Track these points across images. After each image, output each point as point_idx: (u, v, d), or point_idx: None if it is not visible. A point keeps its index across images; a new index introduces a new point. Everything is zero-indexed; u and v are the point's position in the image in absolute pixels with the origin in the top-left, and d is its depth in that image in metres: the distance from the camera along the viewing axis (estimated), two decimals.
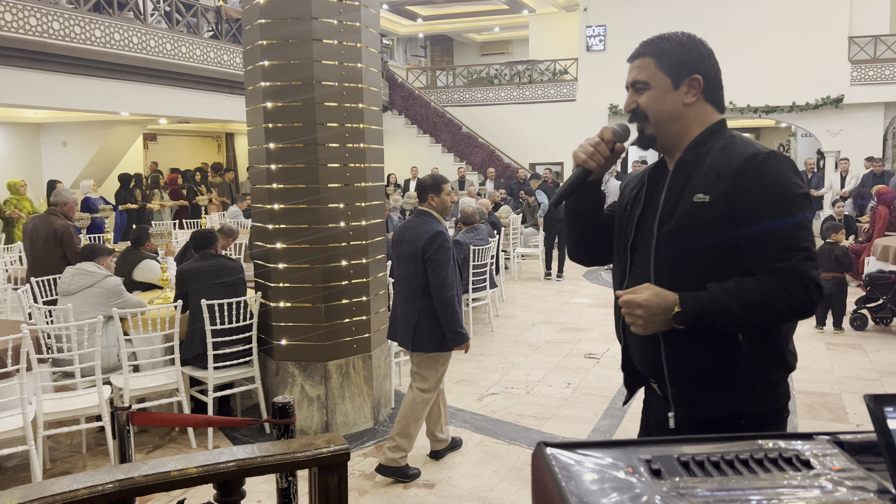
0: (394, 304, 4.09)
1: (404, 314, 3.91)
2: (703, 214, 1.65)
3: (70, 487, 1.39)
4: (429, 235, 3.80)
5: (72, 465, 4.23)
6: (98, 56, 9.40)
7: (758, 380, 1.66)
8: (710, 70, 1.74)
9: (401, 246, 3.93)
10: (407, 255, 3.86)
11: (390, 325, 4.12)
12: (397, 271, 3.97)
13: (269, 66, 4.36)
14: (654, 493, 1.01)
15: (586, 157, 1.84)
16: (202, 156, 17.24)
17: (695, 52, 1.74)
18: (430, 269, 3.77)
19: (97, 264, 4.68)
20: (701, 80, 1.73)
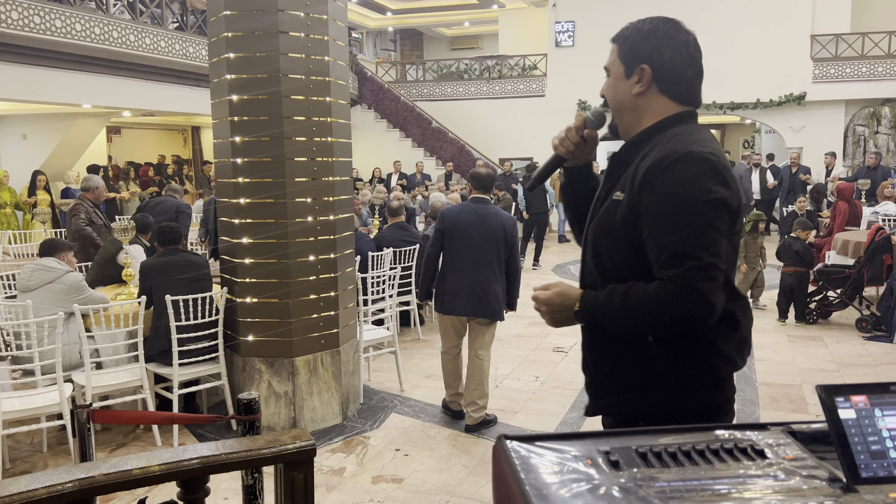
0: (469, 278, 4.42)
1: (494, 289, 4.44)
2: (616, 212, 1.63)
3: (28, 487, 1.36)
4: (512, 222, 4.54)
5: (32, 465, 4.15)
6: (58, 47, 9.17)
7: (672, 381, 1.58)
8: (664, 60, 1.64)
9: (482, 228, 4.43)
10: (490, 236, 4.43)
11: (478, 299, 4.42)
12: (481, 251, 4.42)
13: (235, 59, 4.30)
14: (612, 485, 1.02)
15: (557, 143, 1.85)
16: (167, 149, 16.97)
17: (651, 39, 1.65)
18: (513, 251, 4.52)
19: (58, 259, 4.59)
20: (648, 71, 1.65)
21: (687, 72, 1.66)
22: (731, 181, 1.54)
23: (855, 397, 1.10)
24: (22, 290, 4.50)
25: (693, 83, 1.68)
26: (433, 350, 6.47)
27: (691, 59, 1.66)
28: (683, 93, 1.68)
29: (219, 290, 4.64)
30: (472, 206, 4.54)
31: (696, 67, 1.67)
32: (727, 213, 1.52)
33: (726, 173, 1.53)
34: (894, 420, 1.08)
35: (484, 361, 4.56)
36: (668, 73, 1.65)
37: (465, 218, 4.47)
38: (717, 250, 1.49)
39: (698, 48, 1.69)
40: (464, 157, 15.84)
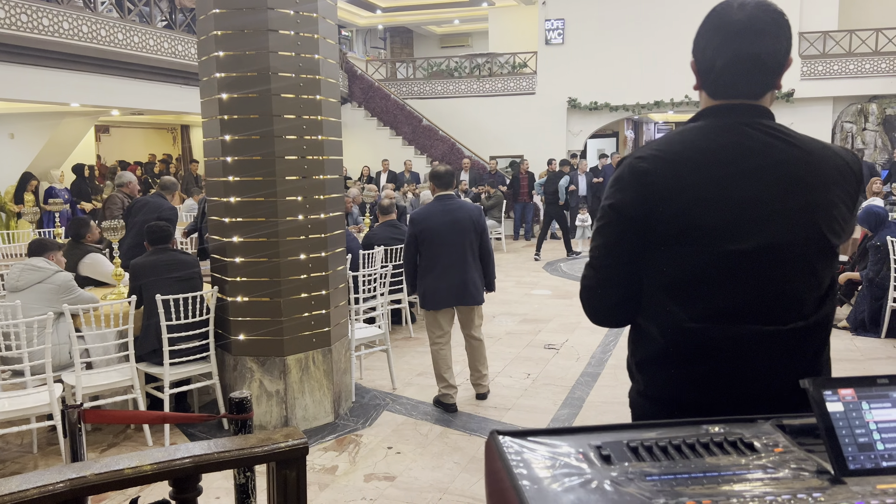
0: (448, 273, 4.73)
1: (472, 277, 4.79)
2: None
3: (19, 487, 1.36)
4: (478, 211, 4.88)
5: (22, 466, 4.13)
6: (46, 45, 9.11)
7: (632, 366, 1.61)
8: (698, 52, 1.52)
9: (452, 224, 4.71)
10: (461, 230, 4.72)
11: (459, 290, 4.75)
12: (454, 245, 4.72)
13: (224, 57, 4.29)
14: (603, 479, 1.03)
15: None
16: (157, 148, 16.89)
17: (698, 32, 1.53)
18: (483, 237, 4.87)
19: (47, 259, 4.56)
20: (694, 65, 1.55)
21: (716, 62, 1.47)
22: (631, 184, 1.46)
23: (843, 390, 1.11)
24: (11, 291, 4.47)
25: (724, 74, 1.47)
26: (425, 348, 6.47)
27: (725, 45, 1.46)
28: (714, 85, 1.51)
29: (209, 288, 4.62)
30: (438, 206, 4.79)
31: (730, 55, 1.45)
32: (615, 215, 1.48)
33: (628, 176, 1.47)
34: (881, 413, 1.09)
35: (481, 341, 5.00)
36: (702, 65, 1.52)
37: (435, 218, 4.75)
38: (600, 251, 1.53)
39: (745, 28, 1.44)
40: (454, 155, 15.85)
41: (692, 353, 1.45)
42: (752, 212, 1.41)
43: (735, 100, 1.49)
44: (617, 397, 5.08)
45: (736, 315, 1.42)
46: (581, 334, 6.87)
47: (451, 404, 4.86)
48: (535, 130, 16.25)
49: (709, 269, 1.42)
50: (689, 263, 1.43)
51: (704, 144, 1.46)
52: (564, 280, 9.91)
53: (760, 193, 1.42)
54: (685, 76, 9.95)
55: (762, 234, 1.41)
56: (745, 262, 1.41)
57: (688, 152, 1.46)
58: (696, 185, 1.42)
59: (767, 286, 1.42)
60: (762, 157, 1.43)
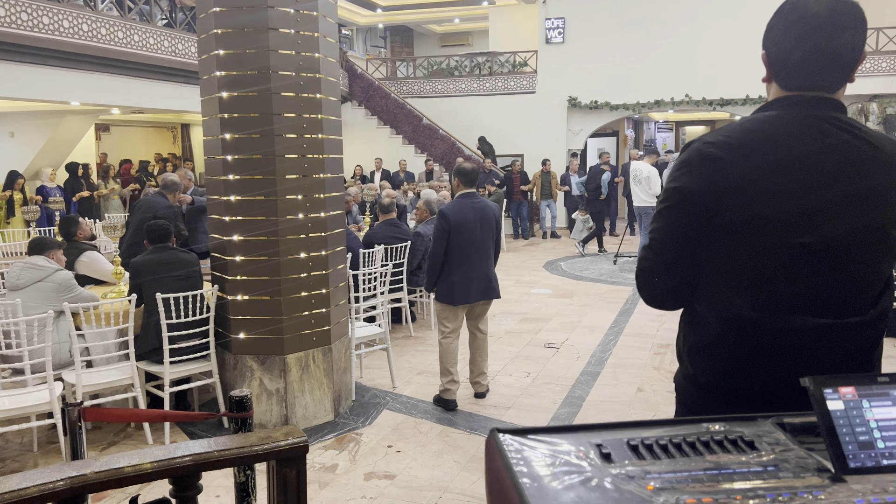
0: (477, 268, 4.84)
1: (493, 272, 4.98)
2: None
3: (19, 486, 1.36)
4: (498, 209, 5.03)
5: (22, 464, 4.13)
6: (46, 44, 9.10)
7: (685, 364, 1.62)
8: (772, 45, 1.51)
9: (482, 221, 4.84)
10: (488, 227, 4.87)
11: (485, 285, 4.89)
12: (483, 241, 4.85)
13: (225, 56, 4.29)
14: (604, 477, 1.03)
15: None
16: (157, 147, 16.89)
17: (770, 23, 1.53)
18: (499, 234, 5.01)
19: (47, 258, 4.56)
20: (765, 56, 1.54)
21: (792, 55, 1.47)
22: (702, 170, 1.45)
23: (843, 389, 1.11)
24: (11, 289, 4.47)
25: (799, 67, 1.47)
26: (425, 346, 6.48)
27: (802, 39, 1.45)
28: (788, 78, 1.50)
29: (209, 287, 4.62)
30: (468, 202, 4.86)
31: (805, 48, 1.45)
32: (681, 199, 1.48)
33: (698, 161, 1.46)
34: (882, 411, 1.09)
35: (486, 335, 5.14)
36: (775, 57, 1.51)
37: (468, 214, 4.81)
38: (661, 234, 1.52)
39: (825, 21, 1.44)
40: (454, 154, 15.84)
41: (748, 342, 1.45)
42: (819, 206, 1.41)
43: (809, 91, 1.48)
44: (617, 396, 5.08)
45: (795, 306, 1.43)
46: (581, 333, 6.87)
47: (451, 400, 4.90)
48: (535, 129, 16.25)
49: (772, 259, 1.43)
50: (752, 253, 1.43)
51: (775, 135, 1.45)
52: (564, 279, 9.90)
53: (828, 188, 1.41)
54: (686, 75, 10.06)
55: (827, 229, 1.41)
56: (808, 256, 1.41)
57: (758, 141, 1.44)
58: (765, 176, 1.41)
59: (829, 280, 1.42)
60: (832, 152, 1.43)
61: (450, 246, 4.79)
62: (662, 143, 21.86)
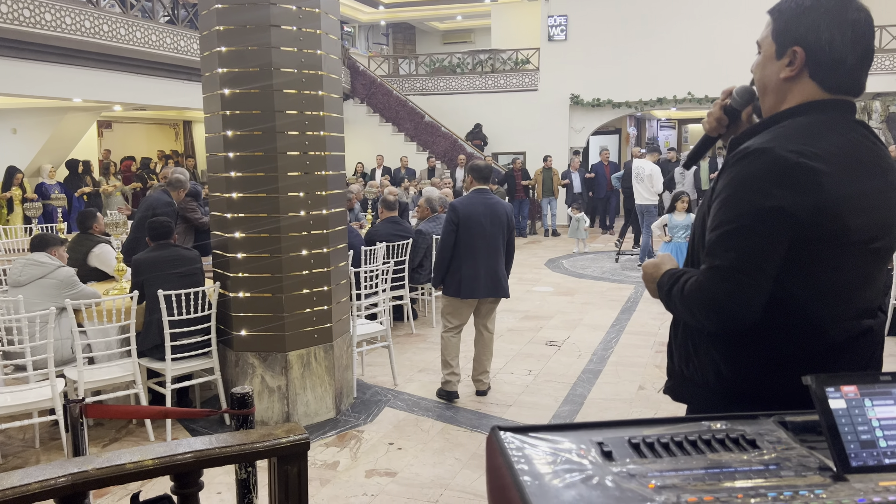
0: (485, 264, 4.85)
1: (503, 270, 4.97)
2: (707, 199, 1.57)
3: (21, 482, 1.36)
4: (511, 209, 5.10)
5: (24, 461, 4.14)
6: (48, 40, 9.11)
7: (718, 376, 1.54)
8: (822, 43, 1.43)
9: (492, 217, 4.86)
10: (498, 224, 4.88)
11: (494, 281, 4.88)
12: (492, 237, 4.86)
13: (227, 53, 4.28)
14: (605, 475, 1.03)
15: (706, 120, 1.76)
16: (159, 144, 16.90)
17: (809, 16, 1.43)
18: (511, 234, 5.03)
19: (49, 254, 4.56)
20: (801, 54, 1.45)
21: (848, 57, 1.42)
22: (807, 185, 1.36)
23: (845, 387, 1.11)
24: (13, 286, 4.48)
25: (854, 70, 1.44)
26: (426, 344, 6.48)
27: (857, 41, 1.42)
28: (839, 81, 1.45)
29: (211, 284, 4.63)
30: (479, 198, 4.91)
31: (860, 51, 1.43)
32: (782, 219, 1.36)
33: (802, 176, 1.36)
34: (884, 410, 1.09)
35: (493, 334, 5.14)
36: (825, 57, 1.43)
37: (478, 209, 4.85)
38: (750, 256, 1.38)
39: (869, 27, 1.43)
40: (456, 152, 15.83)
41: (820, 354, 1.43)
42: (881, 209, 1.45)
43: (847, 96, 1.48)
44: (619, 394, 5.08)
45: (864, 312, 1.47)
46: (582, 331, 6.87)
47: (453, 391, 4.96)
48: (537, 127, 16.24)
49: (855, 268, 1.43)
50: (839, 263, 1.41)
51: (845, 145, 1.43)
52: (566, 277, 9.90)
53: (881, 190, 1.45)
54: (688, 73, 10.04)
55: (887, 235, 1.46)
56: (876, 262, 1.46)
57: (835, 151, 1.41)
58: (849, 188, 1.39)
59: (876, 283, 1.49)
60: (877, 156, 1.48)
61: (458, 240, 4.84)
62: (665, 141, 21.83)
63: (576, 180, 14.59)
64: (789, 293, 1.42)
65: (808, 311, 1.42)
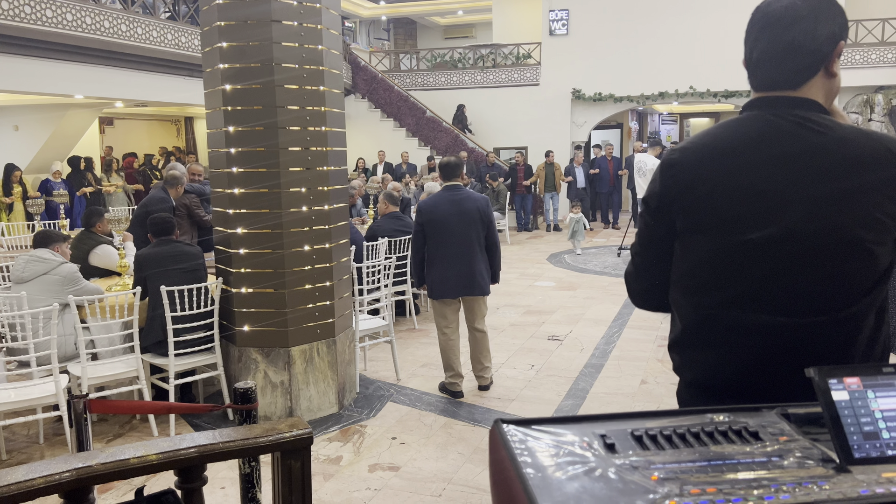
0: (455, 263, 4.75)
1: (479, 268, 4.80)
2: None
3: (26, 477, 1.37)
4: (485, 202, 4.85)
5: (29, 456, 4.15)
6: (50, 37, 9.10)
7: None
8: (745, 47, 1.52)
9: (459, 215, 4.72)
10: (468, 220, 4.73)
11: (466, 280, 4.76)
12: (461, 236, 4.72)
13: (228, 48, 4.28)
14: (608, 467, 1.03)
15: None
16: (161, 140, 16.89)
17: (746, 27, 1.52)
18: (490, 229, 4.84)
19: (52, 251, 4.57)
20: (744, 62, 1.54)
21: (753, 53, 1.49)
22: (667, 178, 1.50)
23: (848, 379, 1.11)
24: (16, 282, 4.49)
25: (758, 65, 1.48)
26: (429, 339, 6.49)
27: (760, 36, 1.46)
28: (752, 78, 1.52)
29: (214, 280, 4.63)
30: (446, 196, 4.81)
31: (762, 43, 1.46)
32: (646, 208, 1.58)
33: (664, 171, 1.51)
34: (887, 401, 1.09)
35: (484, 333, 4.99)
36: (745, 61, 1.53)
37: (442, 208, 4.76)
38: (638, 240, 1.64)
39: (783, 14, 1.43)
40: (458, 147, 15.82)
41: (704, 339, 1.48)
42: (767, 201, 1.38)
43: (774, 92, 1.46)
44: (621, 388, 5.09)
45: (748, 304, 1.40)
46: (585, 326, 6.87)
47: (457, 391, 4.96)
48: (539, 122, 16.21)
49: (722, 257, 1.42)
50: (703, 252, 1.46)
51: (728, 135, 1.47)
52: (568, 272, 9.90)
53: (778, 183, 1.38)
54: (690, 67, 10.05)
55: (777, 224, 1.37)
56: (757, 252, 1.39)
57: (711, 143, 1.48)
58: (712, 175, 1.43)
59: (781, 277, 1.38)
60: (784, 146, 1.40)
61: (427, 240, 4.82)
62: (667, 135, 21.79)
63: (579, 175, 14.56)
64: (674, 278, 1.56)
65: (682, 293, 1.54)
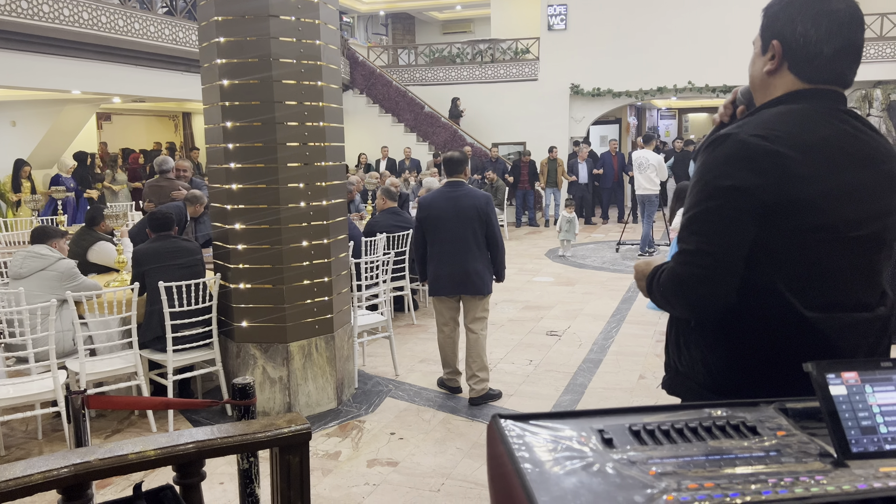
0: (450, 260, 4.64)
1: (475, 266, 4.63)
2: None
3: (24, 472, 1.37)
4: (485, 200, 4.69)
5: (27, 452, 4.15)
6: (46, 32, 9.07)
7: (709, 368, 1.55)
8: (796, 35, 1.46)
9: (455, 211, 4.60)
10: (464, 218, 4.60)
11: (460, 278, 4.63)
12: (457, 233, 4.61)
13: (225, 43, 4.27)
14: (605, 462, 1.03)
15: (719, 112, 1.79)
16: (158, 136, 16.86)
17: (787, 10, 1.47)
18: (489, 228, 4.67)
19: (49, 247, 4.57)
20: (779, 47, 1.49)
21: (824, 48, 1.45)
22: (769, 167, 1.37)
23: (846, 374, 1.11)
24: (14, 278, 4.48)
25: (832, 60, 1.46)
26: (427, 335, 6.49)
27: (833, 32, 1.44)
28: (815, 71, 1.48)
29: (212, 276, 4.63)
30: (445, 192, 4.73)
31: (838, 42, 1.44)
32: (746, 201, 1.38)
33: (762, 159, 1.37)
34: (884, 396, 1.09)
35: (479, 335, 4.76)
36: (800, 49, 1.47)
37: (439, 204, 4.68)
38: (715, 238, 1.39)
39: (852, 18, 1.45)
40: (456, 142, 15.80)
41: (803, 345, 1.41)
42: (866, 200, 1.43)
43: (831, 86, 1.49)
44: (619, 383, 5.09)
45: (848, 304, 1.43)
46: (583, 321, 6.87)
47: (455, 387, 4.95)
48: (537, 117, 16.18)
49: (832, 256, 1.41)
50: (815, 251, 1.40)
51: (820, 130, 1.43)
52: (567, 267, 9.90)
53: (869, 181, 1.43)
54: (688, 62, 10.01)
55: (872, 222, 1.43)
56: (858, 250, 1.43)
57: (808, 136, 1.41)
58: (827, 172, 1.40)
59: (869, 274, 1.46)
60: (867, 146, 1.46)
61: (427, 235, 4.77)
62: (665, 131, 21.78)
63: (582, 171, 14.48)
64: (766, 281, 1.42)
65: (785, 299, 1.41)
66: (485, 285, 4.68)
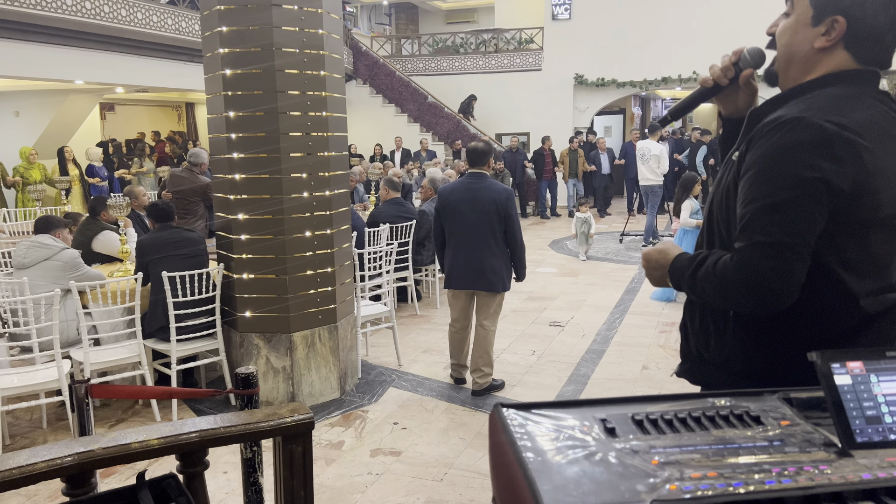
0: (464, 253, 4.55)
1: (491, 262, 4.51)
2: (729, 174, 1.51)
3: (28, 461, 1.37)
4: (506, 195, 4.52)
5: (32, 441, 4.17)
6: (49, 22, 9.05)
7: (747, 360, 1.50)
8: (866, 16, 1.39)
9: (473, 203, 4.48)
10: (482, 211, 4.47)
11: (474, 273, 4.53)
12: (473, 226, 4.49)
13: (228, 33, 4.25)
14: (608, 451, 1.03)
15: (711, 67, 1.67)
16: (162, 125, 16.85)
17: None
18: (509, 224, 4.52)
19: (53, 237, 4.57)
20: (843, 25, 1.40)
21: (888, 33, 1.41)
22: (848, 156, 1.32)
23: (851, 363, 1.10)
24: (18, 268, 4.49)
25: (892, 46, 1.43)
26: (430, 325, 6.50)
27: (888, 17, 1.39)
28: (874, 55, 1.44)
29: (215, 266, 4.63)
30: (465, 183, 4.62)
31: None
32: (825, 190, 1.32)
33: (842, 148, 1.32)
34: (890, 385, 1.09)
35: (489, 331, 4.70)
36: (866, 31, 1.41)
37: (457, 195, 4.58)
38: (796, 230, 1.32)
39: None
40: (460, 133, 15.76)
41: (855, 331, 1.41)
42: None
43: (876, 67, 1.46)
44: (622, 374, 5.09)
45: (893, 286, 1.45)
46: (586, 312, 6.87)
47: (459, 378, 4.96)
48: (541, 107, 16.12)
49: (886, 242, 1.40)
50: (872, 237, 1.39)
51: (872, 114, 1.40)
52: (570, 258, 9.88)
53: None
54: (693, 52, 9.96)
55: None
56: None
57: (868, 124, 1.38)
58: (887, 158, 1.38)
59: None
60: None
61: (444, 226, 4.68)
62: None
63: (604, 161, 14.29)
64: (824, 267, 1.38)
65: (843, 285, 1.40)
66: (499, 282, 4.55)
